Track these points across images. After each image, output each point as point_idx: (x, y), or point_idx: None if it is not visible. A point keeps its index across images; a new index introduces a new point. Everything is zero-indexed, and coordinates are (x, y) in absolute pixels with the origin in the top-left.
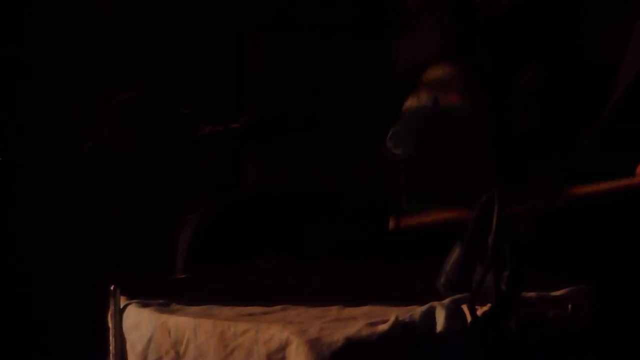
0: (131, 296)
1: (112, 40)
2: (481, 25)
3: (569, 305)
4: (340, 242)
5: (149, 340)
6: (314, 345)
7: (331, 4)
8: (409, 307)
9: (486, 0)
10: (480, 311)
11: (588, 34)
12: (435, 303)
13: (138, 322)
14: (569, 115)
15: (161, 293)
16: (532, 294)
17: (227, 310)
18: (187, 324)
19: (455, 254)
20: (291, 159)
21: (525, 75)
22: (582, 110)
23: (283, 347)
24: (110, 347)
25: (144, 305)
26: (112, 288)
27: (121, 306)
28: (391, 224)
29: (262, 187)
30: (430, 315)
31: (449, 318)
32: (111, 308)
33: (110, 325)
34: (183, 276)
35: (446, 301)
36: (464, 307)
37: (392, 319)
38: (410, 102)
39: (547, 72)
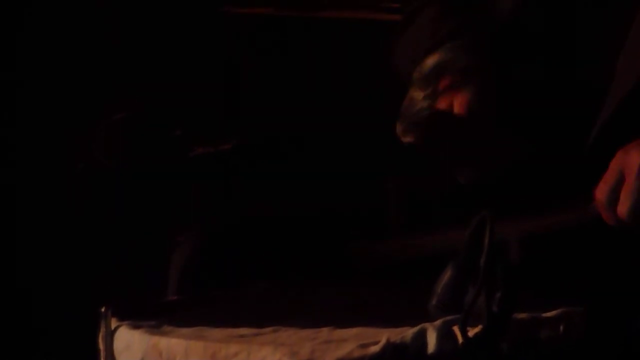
0: (122, 318)
1: (104, 61)
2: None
3: (561, 327)
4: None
5: None
6: None
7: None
8: (400, 329)
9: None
10: (471, 332)
11: (583, 51)
12: (426, 324)
13: (129, 344)
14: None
15: (153, 315)
16: (524, 315)
17: (218, 332)
18: (179, 346)
19: (447, 275)
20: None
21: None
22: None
23: None
24: None
25: (135, 327)
26: (103, 310)
27: (112, 328)
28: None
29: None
30: (421, 336)
31: (440, 339)
32: (102, 330)
33: (101, 347)
34: (174, 298)
35: (437, 322)
36: (456, 329)
37: (383, 340)
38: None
39: (539, 90)
